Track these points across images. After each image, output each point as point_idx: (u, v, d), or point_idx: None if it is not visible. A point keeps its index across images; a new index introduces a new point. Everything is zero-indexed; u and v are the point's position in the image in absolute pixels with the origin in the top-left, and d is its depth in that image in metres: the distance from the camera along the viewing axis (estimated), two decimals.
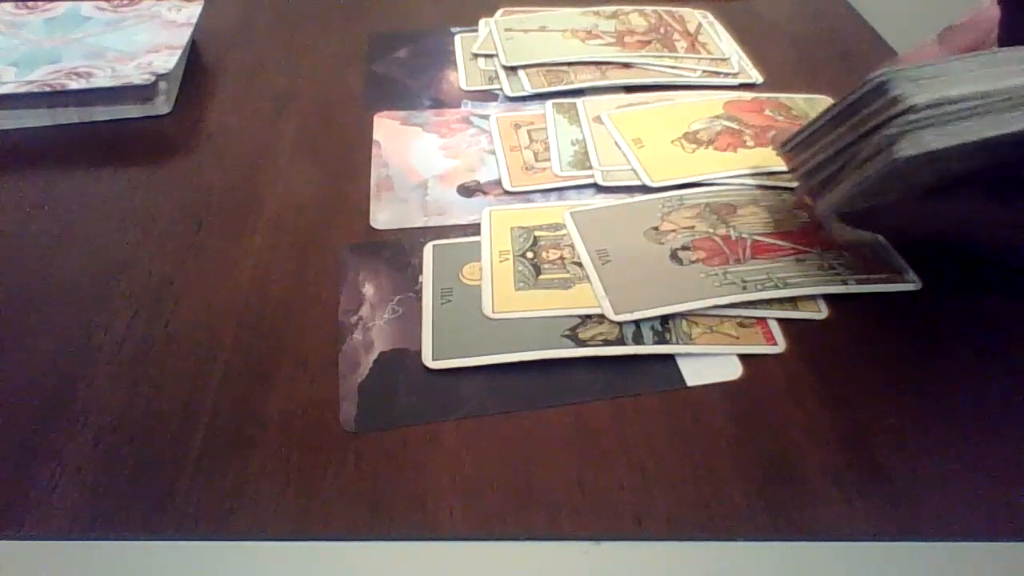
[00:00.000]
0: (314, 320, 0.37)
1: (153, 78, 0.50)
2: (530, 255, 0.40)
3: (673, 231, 0.41)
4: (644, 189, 0.44)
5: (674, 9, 0.62)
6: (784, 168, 0.41)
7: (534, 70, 0.55)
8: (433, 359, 0.35)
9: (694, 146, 0.47)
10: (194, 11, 0.58)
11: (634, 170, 0.45)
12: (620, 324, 0.36)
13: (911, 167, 0.31)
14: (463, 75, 0.56)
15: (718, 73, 0.55)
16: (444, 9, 0.65)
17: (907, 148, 0.30)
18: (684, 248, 0.39)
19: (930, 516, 0.29)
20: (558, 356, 0.34)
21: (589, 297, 0.37)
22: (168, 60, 0.52)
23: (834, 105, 0.34)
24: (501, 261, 0.39)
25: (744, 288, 0.37)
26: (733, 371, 0.34)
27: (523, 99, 0.53)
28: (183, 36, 0.55)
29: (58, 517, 0.29)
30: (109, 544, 0.28)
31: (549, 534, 0.29)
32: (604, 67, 0.55)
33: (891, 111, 0.31)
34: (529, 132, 0.49)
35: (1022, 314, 0.37)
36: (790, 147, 0.37)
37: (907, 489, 0.30)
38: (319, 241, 0.41)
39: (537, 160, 0.47)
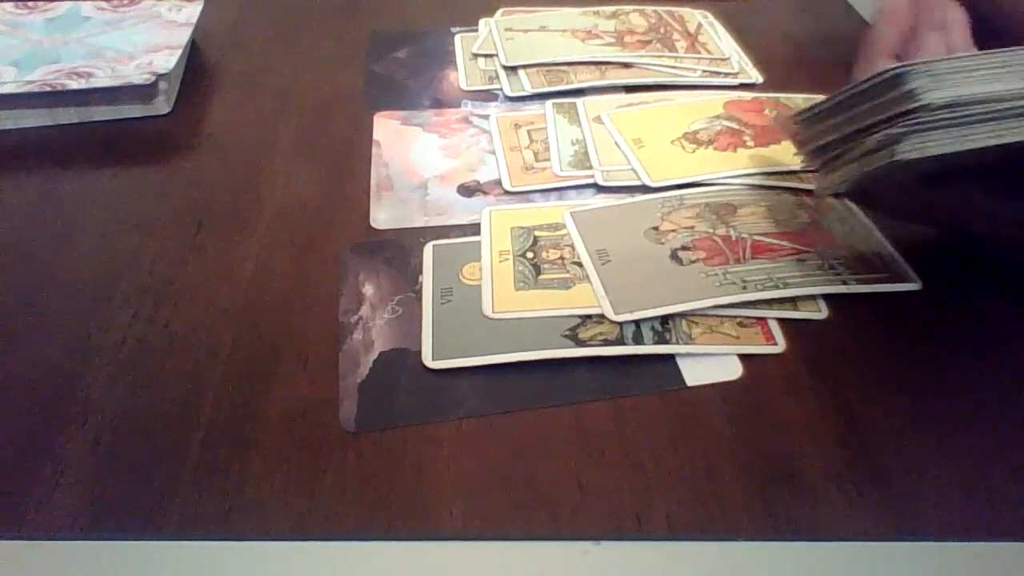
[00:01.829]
0: (314, 320, 0.37)
1: (153, 78, 0.50)
2: (530, 255, 0.40)
3: (673, 231, 0.41)
4: (644, 189, 0.44)
5: (674, 9, 0.62)
6: (784, 168, 0.41)
7: (534, 70, 0.55)
8: (433, 359, 0.35)
9: (694, 146, 0.47)
10: (194, 11, 0.58)
11: (634, 170, 0.45)
12: (620, 324, 0.36)
13: (913, 164, 0.31)
14: (463, 75, 0.56)
15: (718, 73, 0.55)
16: (444, 9, 0.65)
17: (910, 152, 0.30)
18: (684, 248, 0.39)
19: (930, 516, 0.29)
20: (558, 356, 0.34)
21: (589, 297, 0.37)
22: (168, 60, 0.52)
23: (848, 87, 0.33)
24: (501, 261, 0.39)
25: (744, 288, 0.37)
26: (733, 371, 0.34)
27: (523, 99, 0.53)
28: (183, 36, 0.55)
29: (58, 517, 0.29)
30: (109, 544, 0.28)
31: (549, 534, 0.29)
32: (604, 67, 0.55)
33: (905, 106, 0.30)
34: (529, 132, 0.49)
35: (1022, 314, 0.37)
36: (801, 119, 0.36)
37: (907, 489, 0.30)
38: (319, 241, 0.41)
39: (537, 160, 0.47)
